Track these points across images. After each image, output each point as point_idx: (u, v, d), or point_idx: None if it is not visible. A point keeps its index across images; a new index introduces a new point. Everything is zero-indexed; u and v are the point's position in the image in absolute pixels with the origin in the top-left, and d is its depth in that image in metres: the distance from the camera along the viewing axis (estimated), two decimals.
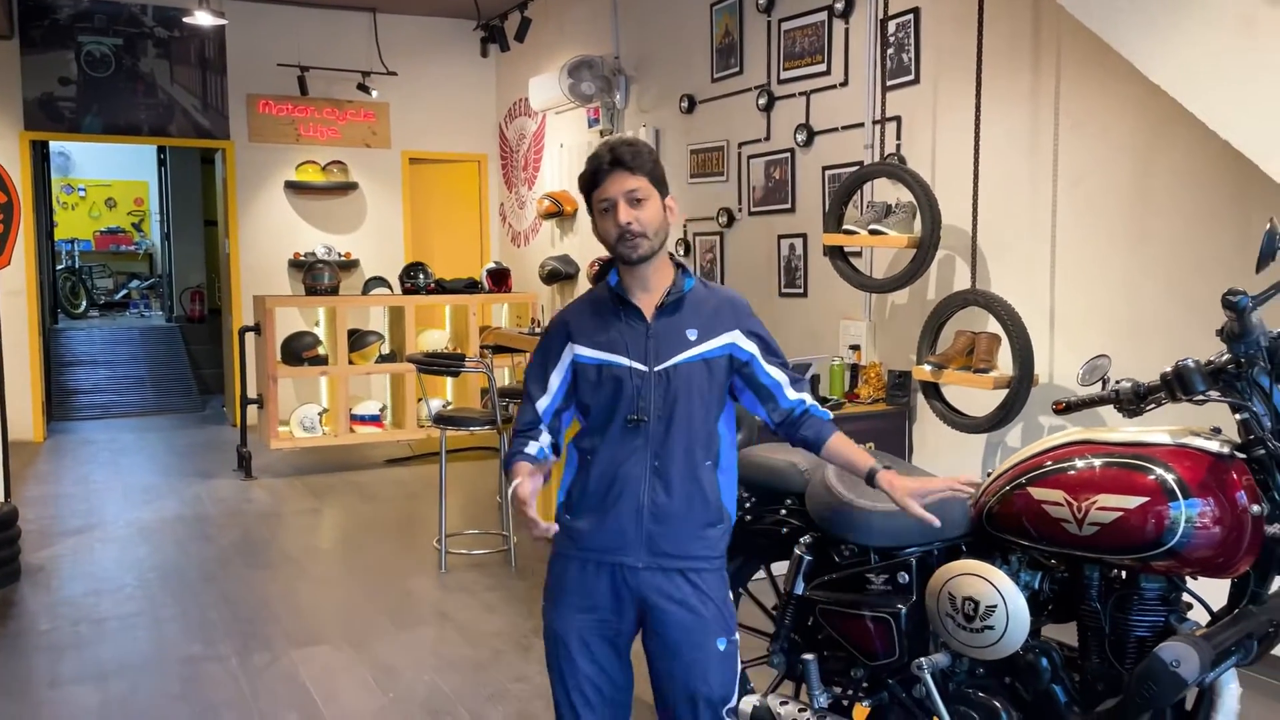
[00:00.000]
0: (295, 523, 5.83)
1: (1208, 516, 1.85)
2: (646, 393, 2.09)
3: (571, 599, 2.14)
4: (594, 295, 2.22)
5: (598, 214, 2.11)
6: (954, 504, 2.23)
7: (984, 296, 4.22)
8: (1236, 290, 1.78)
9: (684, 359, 2.11)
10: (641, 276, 2.13)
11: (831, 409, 4.82)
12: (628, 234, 2.06)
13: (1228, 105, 2.76)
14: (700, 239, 6.60)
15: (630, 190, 2.06)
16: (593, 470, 2.13)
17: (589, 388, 2.13)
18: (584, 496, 2.14)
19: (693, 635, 2.09)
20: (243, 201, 8.89)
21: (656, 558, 2.09)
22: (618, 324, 2.13)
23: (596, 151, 2.11)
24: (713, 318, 2.16)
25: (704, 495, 2.12)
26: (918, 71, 4.87)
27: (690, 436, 2.10)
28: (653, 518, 2.08)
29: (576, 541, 2.14)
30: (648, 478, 2.09)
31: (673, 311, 2.14)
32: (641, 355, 2.11)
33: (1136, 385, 2.08)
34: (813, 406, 2.23)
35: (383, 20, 9.00)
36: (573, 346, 2.15)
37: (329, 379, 7.22)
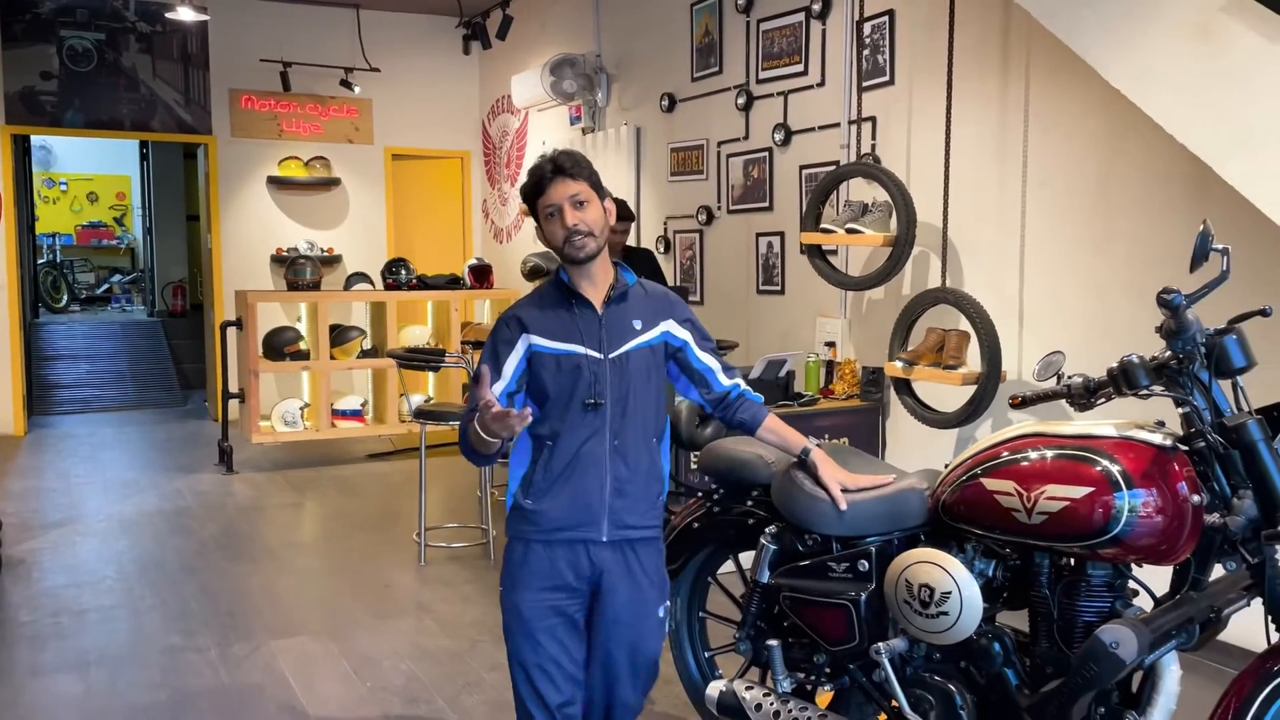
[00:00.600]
0: (276, 516, 5.87)
1: (1150, 506, 1.93)
2: (603, 377, 2.26)
3: (535, 580, 2.26)
4: (542, 293, 2.37)
5: (544, 219, 2.29)
6: (912, 495, 2.32)
7: (954, 295, 4.31)
8: (1170, 289, 1.87)
9: (633, 346, 2.30)
10: (589, 273, 2.30)
11: (806, 405, 4.95)
12: (575, 234, 2.23)
13: (1184, 109, 2.85)
14: (680, 236, 6.67)
15: (573, 194, 2.24)
16: (555, 453, 2.26)
17: (548, 376, 2.27)
18: (546, 479, 2.27)
19: (640, 608, 2.29)
20: (225, 197, 8.90)
21: (619, 529, 2.27)
22: (571, 316, 2.29)
23: (537, 163, 2.28)
24: (653, 309, 2.36)
25: (654, 469, 2.34)
26: (892, 73, 4.95)
27: (643, 416, 2.30)
28: (616, 492, 2.26)
29: (538, 524, 2.27)
30: (609, 455, 2.26)
31: (619, 303, 2.33)
32: (596, 343, 2.28)
33: (1087, 380, 2.15)
34: (746, 391, 2.45)
35: (366, 17, 9.03)
36: (528, 337, 2.28)
37: (311, 374, 7.25)
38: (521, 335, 2.29)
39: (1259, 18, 2.62)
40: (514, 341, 2.29)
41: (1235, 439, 1.89)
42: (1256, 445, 1.87)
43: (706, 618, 2.92)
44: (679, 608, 2.87)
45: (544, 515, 2.26)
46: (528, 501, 2.29)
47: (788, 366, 4.88)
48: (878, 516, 2.33)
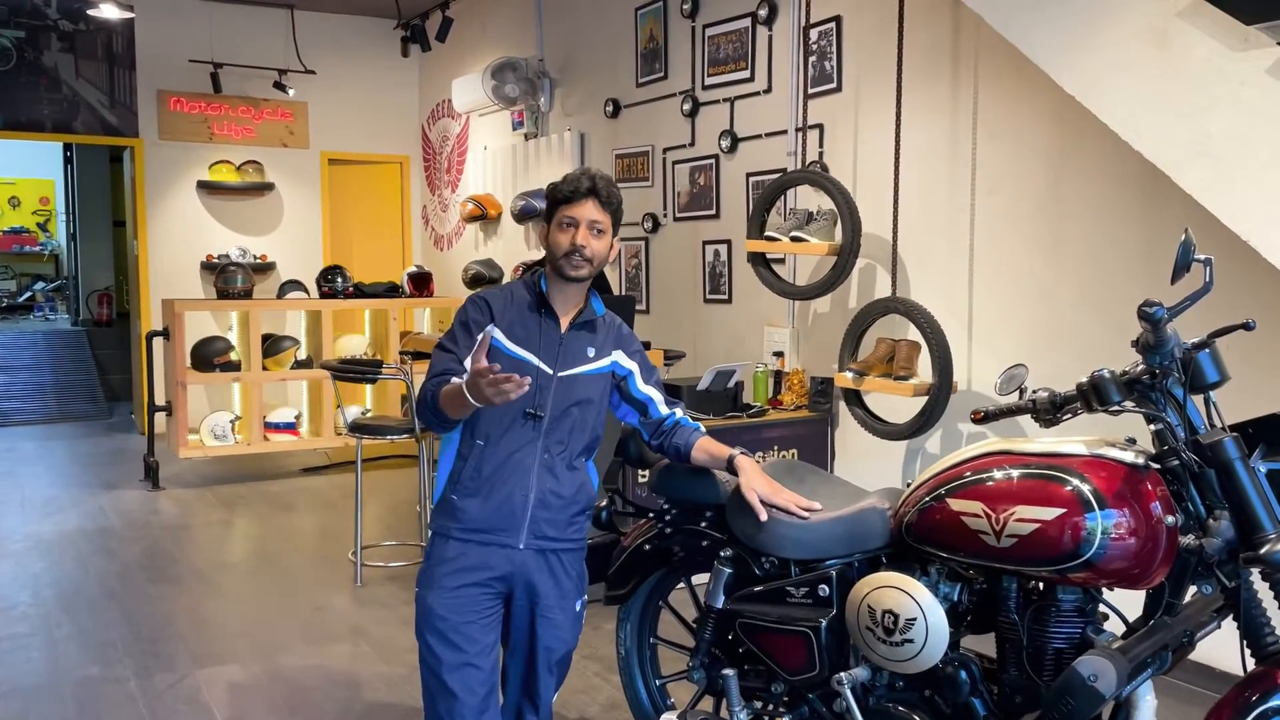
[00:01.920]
0: (204, 535, 5.61)
1: (1123, 527, 1.84)
2: (547, 392, 2.29)
3: (453, 577, 2.27)
4: (518, 292, 2.38)
5: (557, 225, 2.31)
6: (874, 515, 2.21)
7: (904, 304, 4.25)
8: (1152, 302, 1.78)
9: (582, 371, 2.35)
10: (567, 292, 2.36)
11: (755, 416, 4.86)
12: (578, 254, 2.28)
13: (1140, 116, 2.80)
14: (626, 244, 6.54)
15: (595, 221, 2.29)
16: (487, 455, 2.28)
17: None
18: (474, 479, 2.28)
19: (558, 602, 2.34)
20: (152, 201, 8.58)
21: (538, 540, 2.30)
22: (536, 325, 2.32)
23: (580, 173, 2.33)
24: (606, 340, 2.43)
25: (582, 485, 2.37)
26: (840, 79, 4.89)
27: (577, 435, 2.35)
28: (539, 504, 2.29)
29: (461, 522, 2.29)
30: (538, 468, 2.28)
31: (581, 328, 2.38)
32: (551, 359, 2.32)
33: (1053, 395, 2.07)
34: (683, 419, 2.49)
35: (300, 17, 8.78)
36: (493, 328, 2.30)
37: (242, 385, 6.98)
38: (490, 323, 2.31)
39: (1217, 22, 2.58)
40: (482, 324, 2.31)
41: (1210, 457, 1.81)
42: (1232, 464, 1.79)
43: (658, 644, 2.79)
44: (628, 633, 2.74)
45: (468, 514, 2.28)
46: (454, 496, 2.30)
47: (736, 377, 4.78)
48: (838, 538, 2.22)
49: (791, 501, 2.29)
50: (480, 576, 2.28)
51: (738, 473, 2.35)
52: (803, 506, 2.29)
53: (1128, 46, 2.80)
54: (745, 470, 2.34)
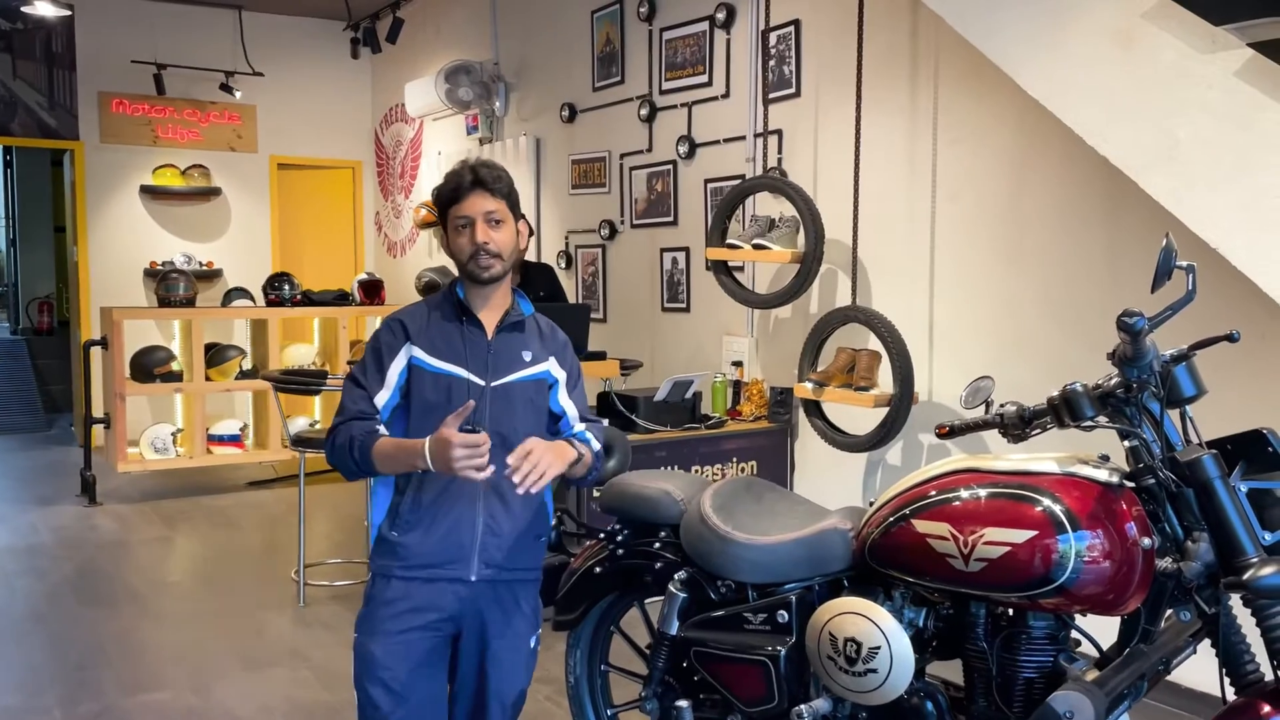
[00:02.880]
0: (141, 553, 5.38)
1: (1097, 550, 1.74)
2: (482, 405, 2.11)
3: (398, 622, 2.09)
4: (433, 304, 2.22)
5: (452, 230, 2.16)
6: (835, 536, 2.10)
7: (864, 313, 4.15)
8: (1133, 311, 1.68)
9: (518, 377, 2.18)
10: (487, 295, 2.19)
11: (713, 427, 4.74)
12: (483, 253, 2.12)
13: (1102, 119, 2.72)
14: (582, 251, 6.41)
15: (489, 211, 2.12)
16: (425, 484, 2.10)
17: (424, 395, 2.11)
18: (414, 512, 2.11)
19: (511, 641, 2.17)
20: (93, 206, 8.30)
21: (490, 570, 2.13)
22: (459, 336, 2.16)
23: (457, 169, 2.16)
24: (542, 343, 2.26)
25: (533, 508, 2.19)
26: (799, 84, 4.80)
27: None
28: (489, 530, 2.12)
29: (404, 559, 2.11)
30: (484, 491, 2.11)
31: (511, 331, 2.20)
32: (481, 369, 2.15)
33: (1022, 409, 1.97)
34: (581, 434, 2.26)
35: (248, 19, 8.55)
36: (410, 347, 2.13)
37: (184, 397, 6.75)
38: (405, 344, 2.14)
39: (1184, 24, 2.50)
40: (396, 348, 2.14)
41: (1188, 475, 1.72)
42: (1212, 483, 1.69)
43: (609, 671, 2.65)
44: (578, 660, 2.60)
45: (410, 550, 2.11)
46: (394, 534, 2.13)
47: (694, 387, 4.66)
48: (797, 560, 2.10)
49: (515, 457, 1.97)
50: (427, 619, 2.10)
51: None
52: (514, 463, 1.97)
53: (1092, 48, 2.73)
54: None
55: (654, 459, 4.44)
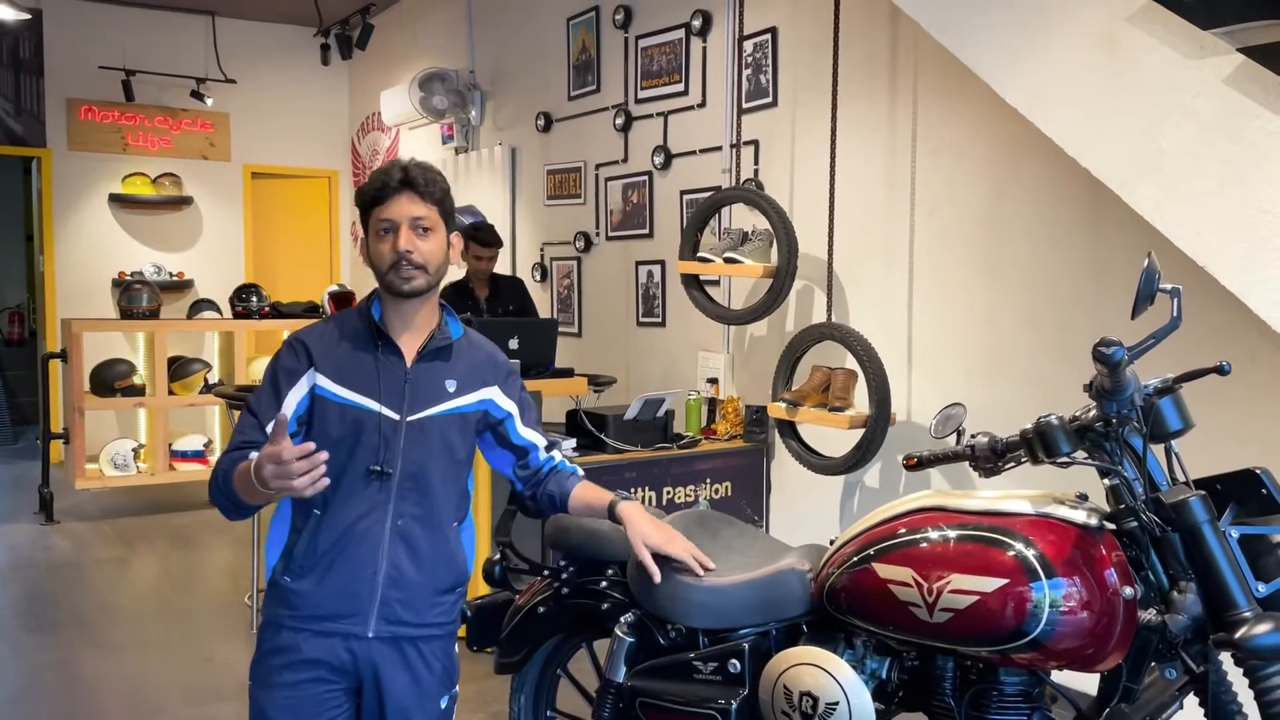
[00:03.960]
0: (94, 575, 5.18)
1: (1074, 599, 1.58)
2: (395, 443, 1.89)
3: (290, 673, 1.88)
4: (345, 323, 1.98)
5: (374, 235, 1.91)
6: (792, 578, 1.93)
7: (840, 330, 3.99)
8: (1110, 341, 1.52)
9: (440, 411, 1.94)
10: (407, 314, 1.94)
11: (686, 446, 4.56)
12: (405, 262, 1.87)
13: (1085, 129, 2.57)
14: (557, 264, 6.25)
15: (417, 217, 1.89)
16: (322, 526, 1.88)
17: (328, 428, 1.87)
18: (309, 556, 1.88)
19: (417, 702, 1.93)
20: (61, 215, 8.10)
21: (391, 626, 1.89)
22: (372, 362, 1.91)
23: (385, 168, 1.91)
24: (473, 371, 2.01)
25: (450, 558, 1.96)
26: (775, 94, 4.65)
27: (439, 495, 1.94)
28: (392, 583, 1.88)
29: (295, 608, 1.89)
30: (389, 538, 1.88)
31: (435, 357, 1.95)
32: (396, 401, 1.90)
33: (994, 441, 1.81)
34: (561, 462, 2.12)
35: (221, 25, 8.38)
36: (315, 374, 1.90)
37: (147, 411, 6.55)
38: (308, 370, 1.90)
39: (1170, 28, 2.36)
40: (297, 373, 1.90)
41: (1174, 518, 1.56)
42: (1200, 527, 1.53)
43: (556, 718, 2.47)
44: (522, 706, 2.42)
45: (302, 598, 1.88)
46: (286, 579, 1.90)
47: (666, 405, 4.49)
48: (751, 604, 1.93)
49: (687, 552, 1.97)
50: (319, 673, 1.88)
51: (622, 523, 1.99)
52: (698, 560, 1.97)
53: (1073, 54, 2.58)
54: (632, 519, 1.98)
55: (623, 480, 4.27)
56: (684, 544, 1.99)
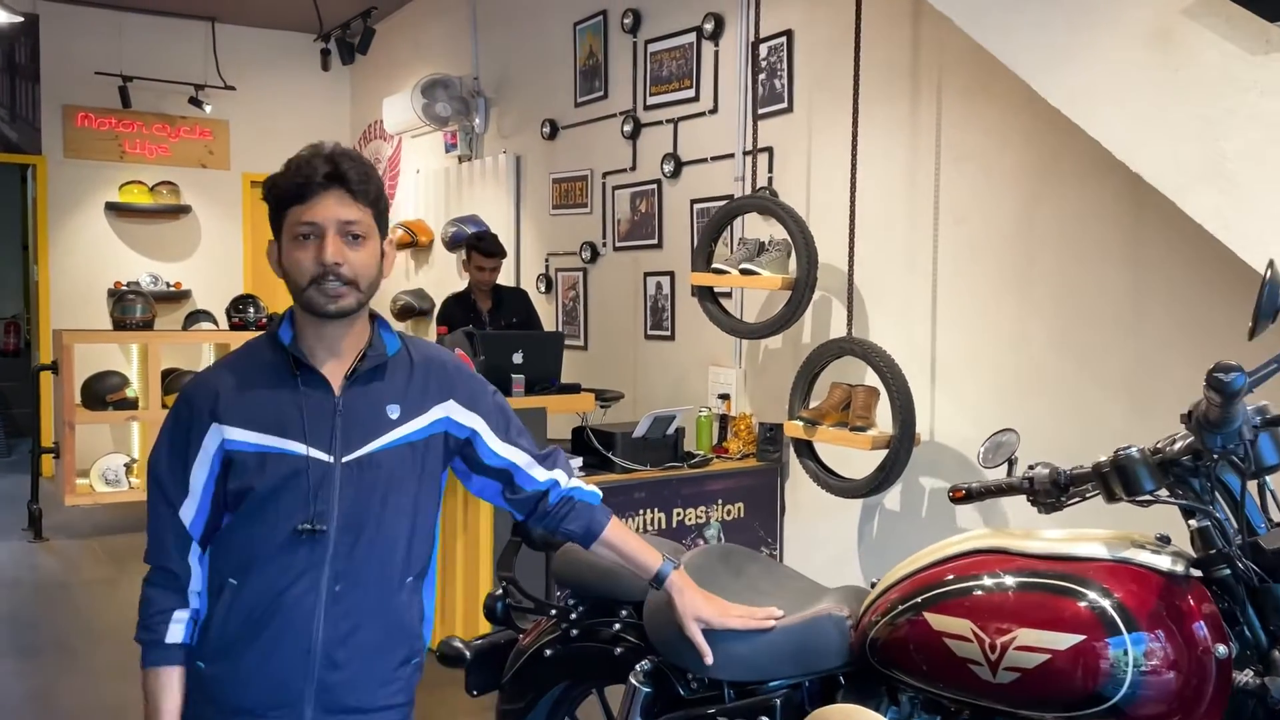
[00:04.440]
0: (80, 596, 4.99)
1: (1159, 658, 1.38)
2: (328, 492, 1.55)
3: None
4: (251, 356, 1.64)
5: (289, 239, 1.57)
6: (829, 626, 1.73)
7: (861, 345, 3.80)
8: (1230, 366, 1.32)
9: (383, 445, 1.60)
10: (332, 337, 1.60)
11: (697, 465, 4.36)
12: (332, 276, 1.54)
13: (1136, 131, 2.39)
14: (563, 275, 6.07)
15: (348, 221, 1.55)
16: (240, 598, 1.55)
17: (246, 482, 1.55)
18: (224, 633, 1.56)
19: None
20: (56, 224, 7.94)
21: (333, 716, 1.57)
22: (291, 396, 1.57)
23: (306, 157, 1.56)
24: (420, 387, 1.66)
25: (401, 624, 1.63)
26: (791, 99, 4.47)
27: (388, 549, 1.60)
28: (328, 663, 1.55)
29: (214, 700, 1.57)
30: (323, 608, 1.55)
31: (369, 380, 1.62)
32: (325, 440, 1.56)
33: (1055, 472, 1.62)
34: (575, 489, 1.77)
35: (220, 30, 8.23)
36: (220, 429, 1.55)
37: (140, 425, 6.37)
38: (211, 425, 1.55)
39: (1232, 21, 2.18)
40: (201, 433, 1.56)
41: (1275, 566, 1.36)
42: None
43: None
44: None
45: (221, 686, 1.56)
46: (200, 663, 1.58)
47: (676, 423, 4.30)
48: (783, 654, 1.74)
49: (746, 620, 1.73)
50: None
51: (671, 594, 1.74)
52: (760, 617, 1.74)
53: (1123, 51, 2.40)
54: (681, 591, 1.74)
55: (632, 500, 4.08)
56: (740, 612, 1.75)
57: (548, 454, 1.78)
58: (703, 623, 1.72)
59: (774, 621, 1.71)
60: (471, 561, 4.03)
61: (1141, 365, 3.18)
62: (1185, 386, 3.12)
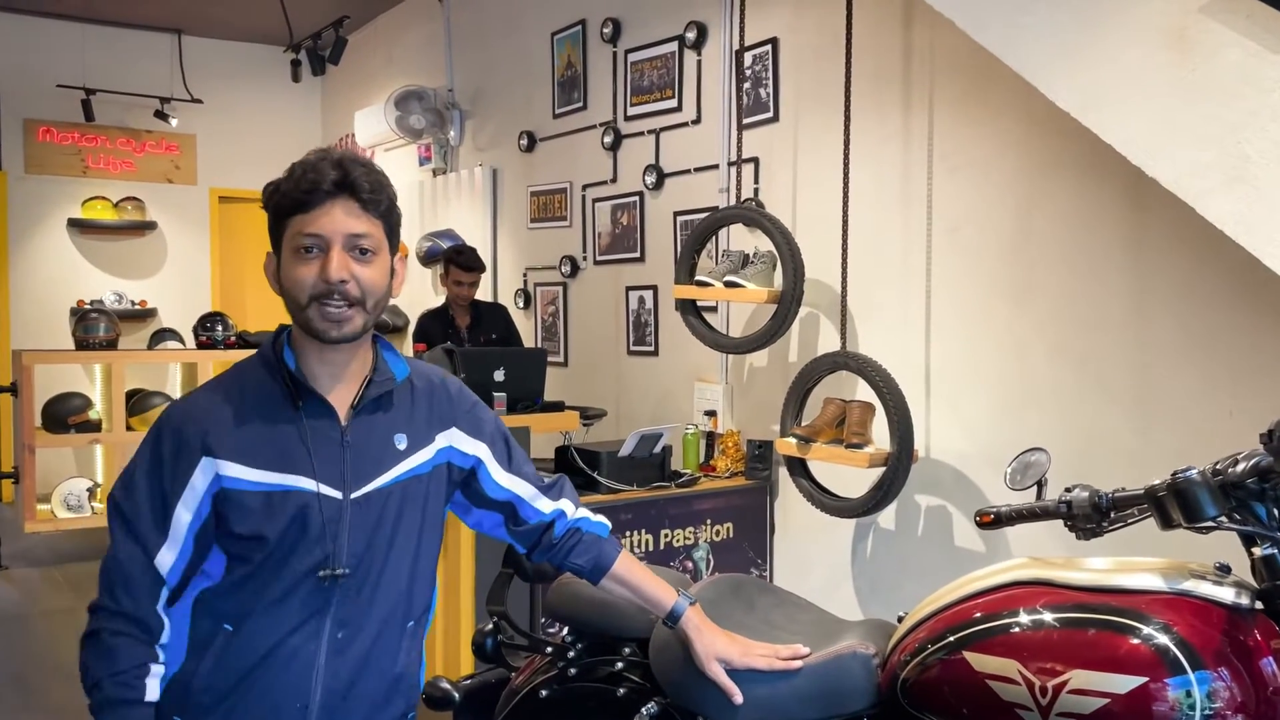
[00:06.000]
0: (39, 628, 4.77)
1: (1225, 698, 1.26)
2: (339, 530, 1.41)
3: None
4: (245, 381, 1.48)
5: (290, 251, 1.43)
6: (854, 665, 1.60)
7: (856, 359, 3.69)
8: None
9: (393, 479, 1.46)
10: (336, 362, 1.47)
11: (685, 485, 4.23)
12: (336, 297, 1.40)
13: (1151, 135, 2.29)
14: (542, 290, 5.94)
15: (356, 235, 1.41)
16: (233, 648, 1.40)
17: (250, 524, 1.39)
18: (212, 690, 1.40)
19: None
20: (16, 241, 7.71)
21: None
22: (293, 426, 1.43)
23: (313, 162, 1.43)
24: (425, 414, 1.53)
25: (402, 675, 1.50)
26: (776, 108, 4.37)
27: (393, 592, 1.47)
28: (327, 712, 1.42)
29: None
30: (324, 658, 1.41)
31: (375, 409, 1.48)
32: (335, 475, 1.42)
33: (1096, 496, 1.50)
34: (582, 520, 1.66)
35: (186, 43, 8.04)
36: (215, 463, 1.39)
37: (104, 448, 6.15)
38: (201, 459, 1.39)
39: (1252, 18, 2.09)
40: (189, 468, 1.39)
41: None
42: None
43: None
44: None
45: None
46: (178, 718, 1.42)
47: (663, 441, 4.16)
48: (804, 696, 1.60)
49: (770, 660, 1.58)
50: None
51: (686, 634, 1.61)
52: (785, 657, 1.59)
53: (1137, 50, 2.30)
54: (699, 630, 1.60)
55: (619, 522, 3.93)
56: (763, 651, 1.61)
57: (553, 484, 1.66)
58: (724, 663, 1.58)
59: (800, 662, 1.57)
60: (452, 591, 3.86)
61: (1146, 375, 3.08)
62: (1192, 399, 3.04)
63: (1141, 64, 2.29)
